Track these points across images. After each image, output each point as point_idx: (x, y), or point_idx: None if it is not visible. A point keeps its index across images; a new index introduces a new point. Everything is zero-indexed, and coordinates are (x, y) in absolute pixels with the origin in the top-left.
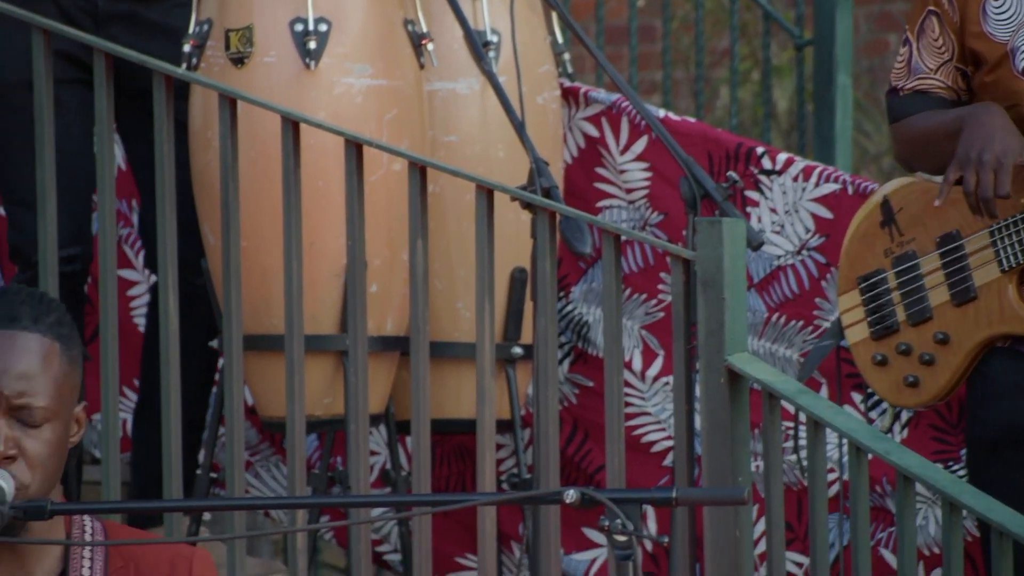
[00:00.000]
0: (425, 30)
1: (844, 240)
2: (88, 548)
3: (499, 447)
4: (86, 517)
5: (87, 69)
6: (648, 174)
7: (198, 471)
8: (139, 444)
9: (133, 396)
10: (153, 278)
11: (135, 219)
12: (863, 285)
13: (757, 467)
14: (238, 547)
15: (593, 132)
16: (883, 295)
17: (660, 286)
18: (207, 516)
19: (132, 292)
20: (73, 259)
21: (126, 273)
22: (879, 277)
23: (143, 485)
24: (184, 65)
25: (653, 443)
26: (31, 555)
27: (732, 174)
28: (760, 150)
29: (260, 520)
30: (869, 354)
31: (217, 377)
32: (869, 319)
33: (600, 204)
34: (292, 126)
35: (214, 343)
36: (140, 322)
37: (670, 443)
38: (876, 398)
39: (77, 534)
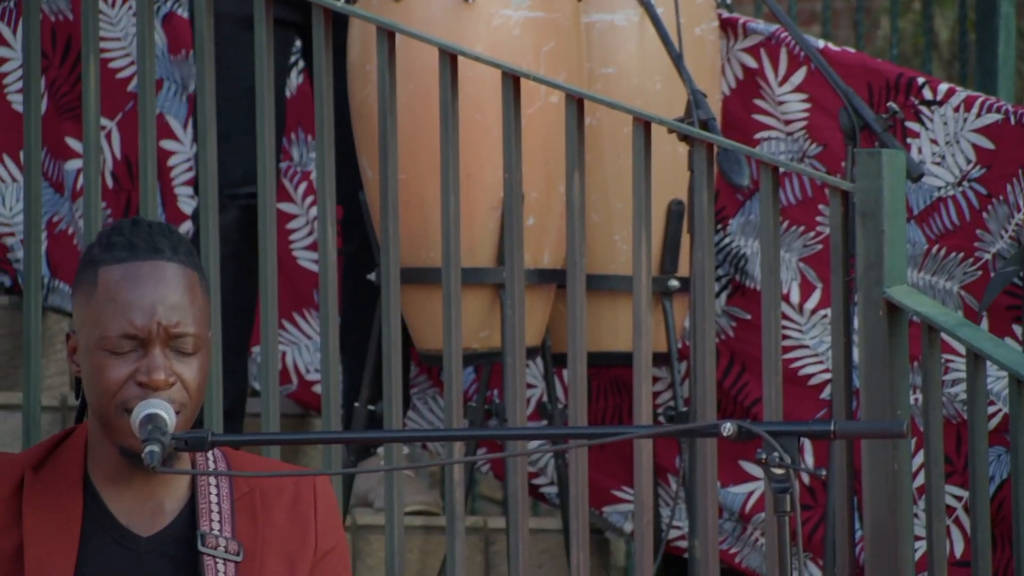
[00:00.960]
0: None
1: None
2: (216, 498)
3: (656, 380)
4: None
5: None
6: (807, 105)
7: (356, 404)
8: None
9: (293, 329)
10: (312, 212)
11: (294, 152)
12: None
13: (916, 400)
14: (396, 479)
15: (751, 63)
16: None
17: (818, 218)
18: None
19: (291, 225)
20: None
21: (285, 207)
22: None
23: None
24: None
25: (810, 376)
26: (162, 483)
27: (892, 105)
28: (921, 80)
29: (417, 452)
30: None
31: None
32: None
33: (758, 136)
34: (450, 59)
35: (372, 276)
36: (299, 255)
37: (828, 376)
38: None
39: (201, 461)
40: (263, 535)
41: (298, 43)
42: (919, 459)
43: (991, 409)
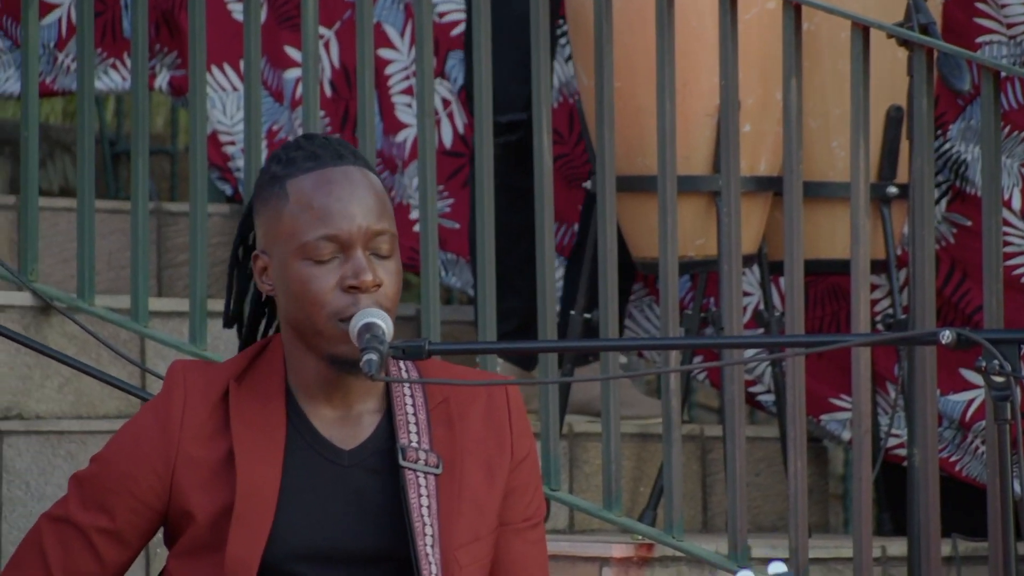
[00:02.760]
0: None
1: None
2: (408, 386)
3: (874, 287)
4: None
5: None
6: None
7: (571, 312)
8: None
9: None
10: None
11: None
12: None
13: None
14: (612, 388)
15: None
16: None
17: None
18: None
19: None
20: (518, 125)
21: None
22: None
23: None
24: None
25: None
26: (360, 396)
27: None
28: None
29: (633, 361)
30: None
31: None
32: None
33: (979, 40)
34: None
35: (587, 185)
36: None
37: None
38: None
39: (394, 371)
40: (461, 444)
41: None
42: None
43: None
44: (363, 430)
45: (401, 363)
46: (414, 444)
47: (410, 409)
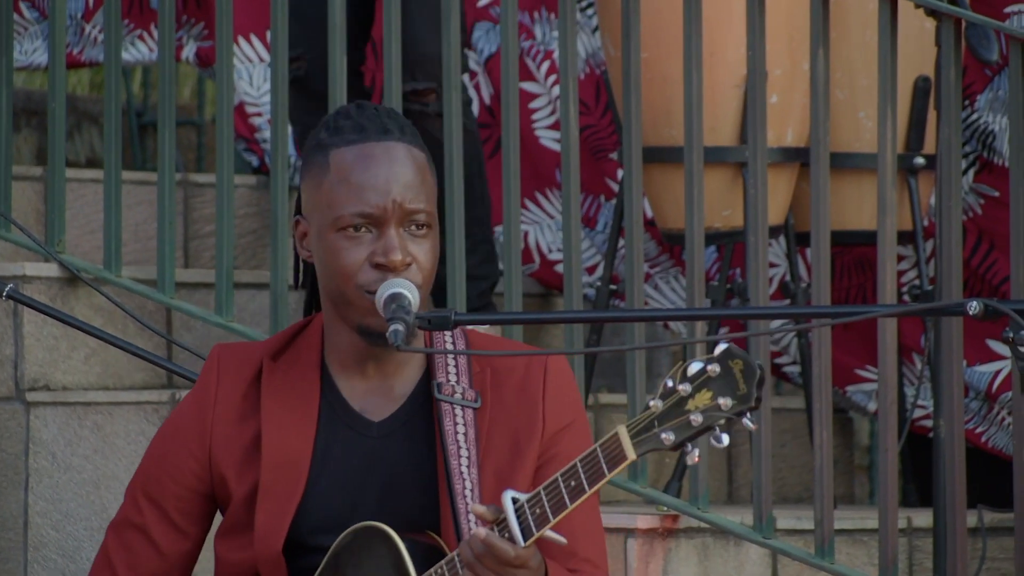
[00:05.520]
0: None
1: None
2: (451, 356)
3: (901, 258)
4: None
5: None
6: None
7: (597, 283)
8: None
9: (535, 209)
10: (555, 91)
11: (537, 31)
12: None
13: None
14: (637, 358)
15: None
16: None
17: None
18: None
19: (533, 104)
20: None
21: (527, 86)
22: None
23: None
24: None
25: None
26: (395, 369)
27: None
28: None
29: (659, 332)
30: None
31: (617, 189)
32: None
33: (1008, 10)
34: None
35: (614, 156)
36: (541, 134)
37: None
38: None
39: (438, 339)
40: (491, 414)
41: None
42: None
43: None
44: (395, 402)
45: (448, 333)
46: (451, 381)
47: (452, 377)
